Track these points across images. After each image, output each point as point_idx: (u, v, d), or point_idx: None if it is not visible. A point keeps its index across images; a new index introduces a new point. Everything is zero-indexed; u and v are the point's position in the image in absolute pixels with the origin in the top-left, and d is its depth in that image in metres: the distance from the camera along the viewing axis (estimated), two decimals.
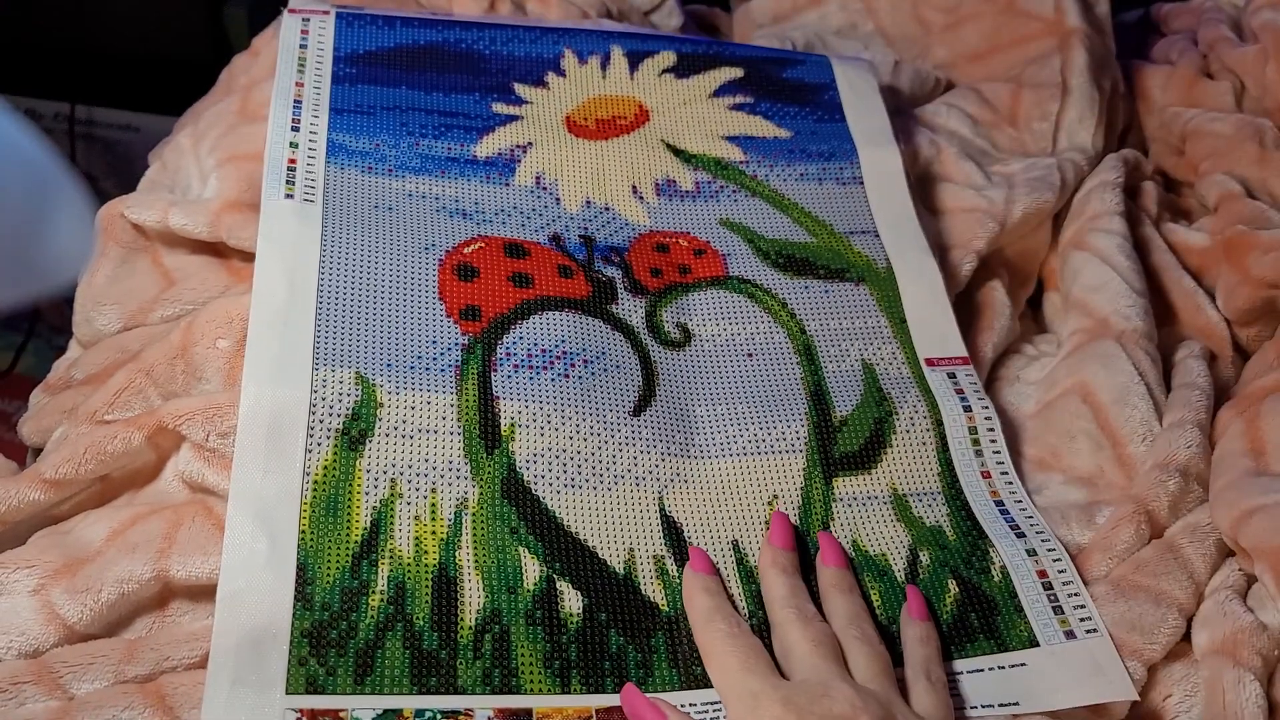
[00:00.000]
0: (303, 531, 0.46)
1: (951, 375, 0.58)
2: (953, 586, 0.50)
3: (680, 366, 0.55)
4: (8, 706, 0.42)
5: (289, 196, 0.55)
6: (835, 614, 0.45)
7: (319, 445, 0.48)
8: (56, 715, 0.42)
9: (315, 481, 0.47)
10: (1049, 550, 0.51)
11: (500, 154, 0.61)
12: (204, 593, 0.47)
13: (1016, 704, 0.45)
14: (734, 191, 0.62)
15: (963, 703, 0.45)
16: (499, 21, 0.67)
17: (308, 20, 0.63)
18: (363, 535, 0.46)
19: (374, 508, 0.47)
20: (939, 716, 0.42)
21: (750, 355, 0.56)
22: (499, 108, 0.63)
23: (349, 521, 0.47)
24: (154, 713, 0.42)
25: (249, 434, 0.47)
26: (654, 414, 0.53)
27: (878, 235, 0.62)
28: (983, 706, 0.45)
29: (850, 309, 0.59)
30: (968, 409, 0.56)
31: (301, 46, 0.62)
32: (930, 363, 0.58)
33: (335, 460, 0.48)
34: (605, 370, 0.54)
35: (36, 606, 0.45)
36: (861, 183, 0.64)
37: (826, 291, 0.59)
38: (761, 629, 0.47)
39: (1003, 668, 0.47)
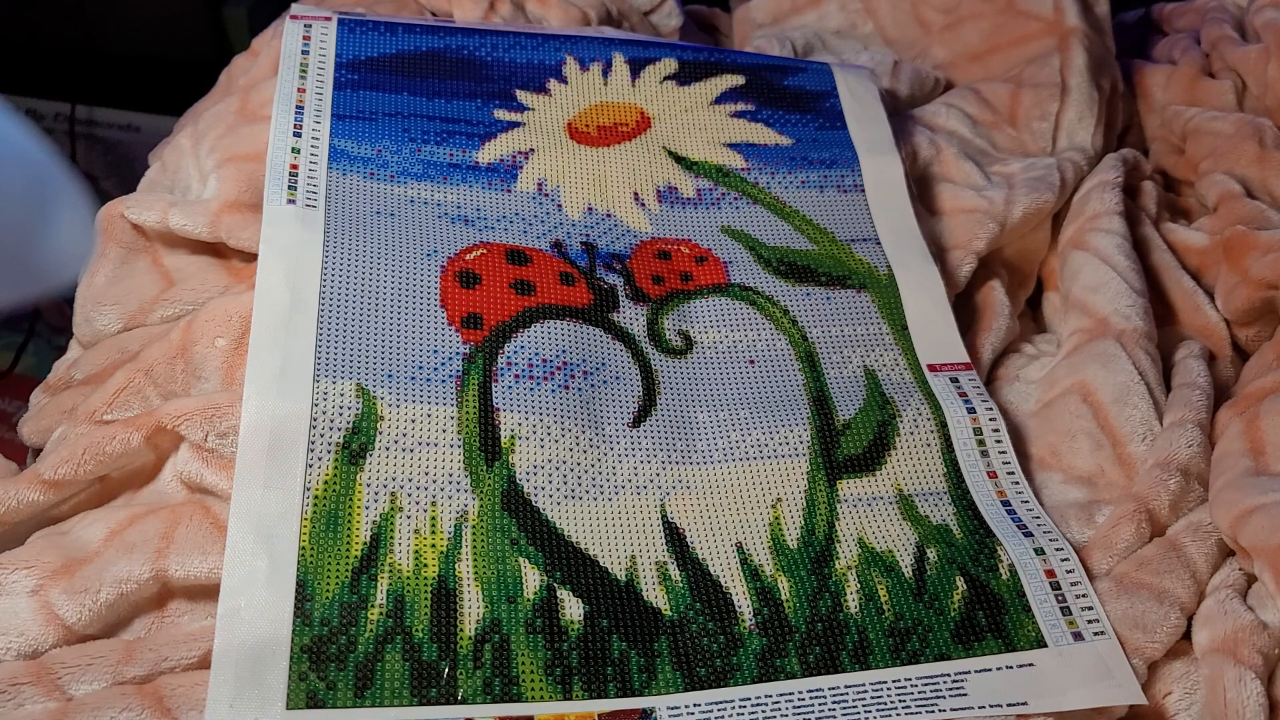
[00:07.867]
0: (303, 548, 0.46)
1: (954, 380, 0.58)
2: (961, 583, 0.50)
3: (682, 374, 0.55)
4: (6, 708, 0.42)
5: (290, 202, 0.55)
6: None
7: (319, 460, 0.48)
8: (55, 716, 0.42)
9: (316, 497, 0.47)
10: (1057, 550, 0.51)
11: (502, 160, 0.61)
12: (202, 593, 0.47)
13: (1024, 704, 0.45)
14: (735, 199, 0.62)
15: (970, 701, 0.45)
16: (501, 28, 0.67)
17: (309, 26, 0.63)
18: (363, 550, 0.46)
19: (374, 522, 0.47)
20: None
21: (753, 362, 0.56)
22: (501, 114, 0.63)
23: (349, 536, 0.47)
24: (152, 714, 0.42)
25: (250, 448, 0.47)
26: (654, 423, 0.53)
27: (879, 243, 0.62)
28: (990, 706, 0.45)
29: (852, 316, 0.59)
30: (972, 411, 0.56)
31: (304, 53, 0.62)
32: (932, 368, 0.58)
33: (336, 474, 0.48)
34: (605, 381, 0.54)
35: (35, 607, 0.45)
36: (863, 190, 0.64)
37: (828, 299, 0.59)
38: (767, 627, 0.47)
39: (1010, 667, 0.47)
